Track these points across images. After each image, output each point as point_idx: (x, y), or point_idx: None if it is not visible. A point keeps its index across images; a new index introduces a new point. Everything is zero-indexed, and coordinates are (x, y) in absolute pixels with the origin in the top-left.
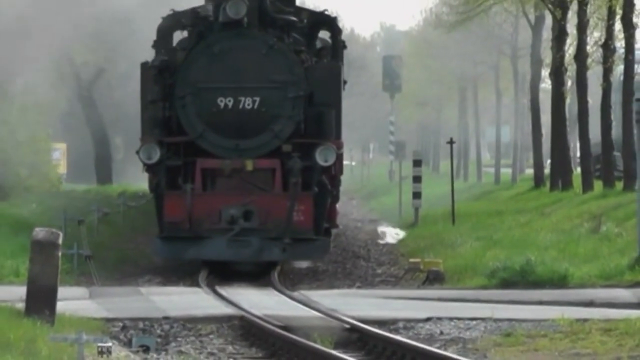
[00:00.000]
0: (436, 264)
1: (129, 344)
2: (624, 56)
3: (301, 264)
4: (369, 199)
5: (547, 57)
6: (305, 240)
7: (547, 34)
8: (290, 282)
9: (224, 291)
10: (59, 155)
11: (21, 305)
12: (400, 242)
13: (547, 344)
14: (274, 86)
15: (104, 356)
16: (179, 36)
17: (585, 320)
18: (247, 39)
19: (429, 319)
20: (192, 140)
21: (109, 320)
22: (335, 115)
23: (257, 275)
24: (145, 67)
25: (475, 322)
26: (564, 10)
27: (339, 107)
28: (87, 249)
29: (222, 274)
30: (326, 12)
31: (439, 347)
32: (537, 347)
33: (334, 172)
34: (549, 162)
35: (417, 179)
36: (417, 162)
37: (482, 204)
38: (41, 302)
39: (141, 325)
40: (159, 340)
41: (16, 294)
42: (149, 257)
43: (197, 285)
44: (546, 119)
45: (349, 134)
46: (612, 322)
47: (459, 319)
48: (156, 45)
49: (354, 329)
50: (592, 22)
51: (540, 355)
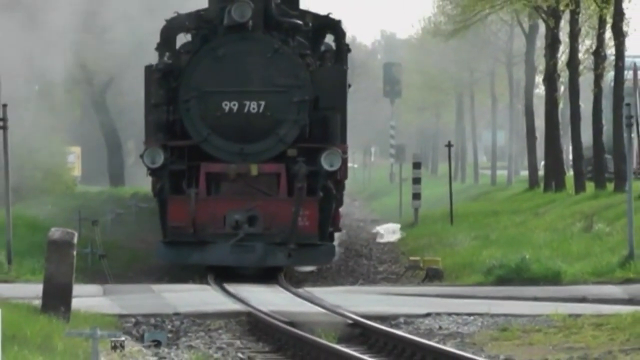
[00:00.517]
0: (435, 262)
1: (141, 339)
2: (614, 63)
3: None
4: (371, 200)
5: (540, 64)
6: (310, 245)
7: (540, 42)
8: (295, 280)
9: (231, 288)
10: (74, 158)
11: (38, 302)
12: (400, 241)
13: (542, 338)
14: (279, 90)
15: (118, 351)
16: (181, 39)
17: (578, 315)
18: (252, 42)
19: (428, 315)
20: (196, 144)
21: (122, 316)
22: (340, 119)
23: (263, 273)
24: (149, 70)
25: (472, 318)
26: (557, 19)
27: (344, 111)
28: (101, 248)
29: (230, 272)
30: (330, 16)
31: (438, 342)
32: (532, 342)
33: (339, 177)
34: (542, 164)
35: (416, 181)
36: (416, 165)
37: (479, 205)
38: (57, 299)
39: (153, 321)
40: (170, 335)
41: (33, 291)
42: None
43: (206, 282)
44: (540, 123)
45: (351, 137)
46: (604, 317)
47: (457, 314)
48: (159, 48)
49: (356, 324)
50: (583, 31)
51: (535, 349)
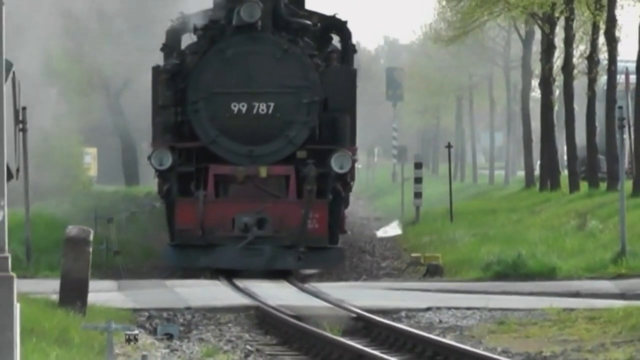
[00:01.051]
0: (436, 258)
1: (154, 332)
2: (607, 67)
3: None
4: (374, 199)
5: (536, 68)
6: (319, 248)
7: (536, 47)
8: (301, 276)
9: (241, 284)
10: (90, 159)
11: (55, 297)
12: (402, 238)
13: (537, 331)
14: (288, 91)
15: (132, 343)
16: (186, 40)
17: (572, 309)
18: (261, 43)
19: (429, 309)
20: (204, 145)
21: (135, 310)
22: (350, 121)
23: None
24: (156, 71)
25: (471, 312)
26: (552, 25)
27: (354, 113)
28: (116, 245)
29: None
30: (336, 17)
31: (438, 335)
32: (528, 334)
33: (349, 179)
34: (538, 164)
35: (418, 180)
36: (418, 165)
37: (477, 203)
38: (74, 294)
39: (165, 314)
40: (182, 328)
41: (51, 286)
42: None
43: (217, 278)
44: (536, 125)
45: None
46: (597, 311)
47: (456, 308)
48: (165, 49)
49: (360, 318)
50: (578, 37)
51: (530, 341)
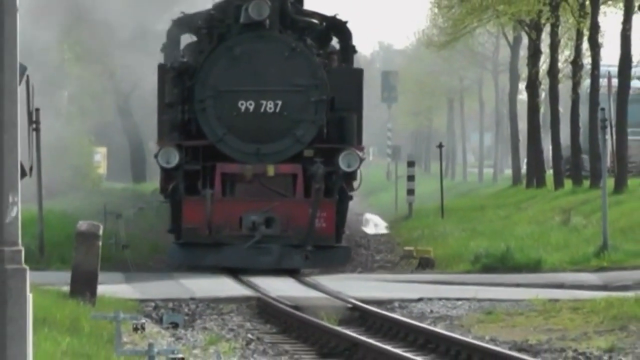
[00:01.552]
0: (427, 252)
1: (160, 321)
2: (590, 72)
3: None
4: (369, 195)
5: (523, 72)
6: (326, 247)
7: (523, 52)
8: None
9: (243, 276)
10: (100, 157)
11: (66, 288)
12: (395, 232)
13: (524, 321)
14: (296, 90)
15: (139, 332)
16: (185, 39)
17: (556, 300)
18: (269, 41)
19: (420, 299)
20: (211, 144)
21: (142, 300)
22: (356, 120)
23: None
24: (163, 69)
25: (461, 302)
26: (539, 31)
27: (360, 112)
28: (124, 239)
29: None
30: (337, 17)
31: (429, 324)
32: (514, 324)
33: (355, 178)
34: (525, 163)
35: (411, 178)
36: (411, 164)
37: (467, 200)
38: (84, 285)
39: (171, 305)
40: (187, 318)
41: (62, 278)
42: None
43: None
44: (523, 126)
45: None
46: (580, 302)
47: (446, 299)
48: (165, 48)
49: (355, 308)
50: (562, 42)
51: (517, 330)
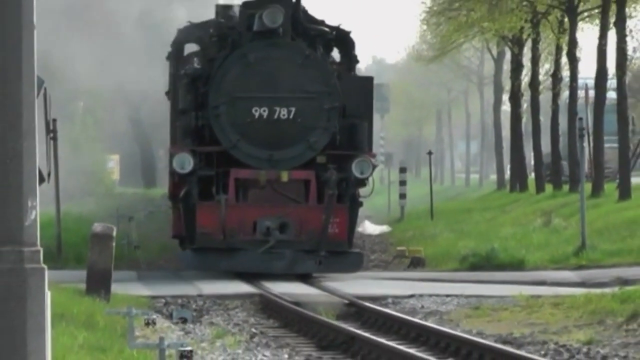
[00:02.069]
0: (418, 252)
1: (170, 317)
2: (569, 84)
3: None
4: (364, 199)
5: (507, 84)
6: (339, 253)
7: (507, 65)
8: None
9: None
10: (113, 164)
11: (82, 286)
12: (389, 233)
13: (508, 316)
14: (309, 97)
15: (150, 327)
16: (189, 48)
17: (538, 296)
18: (282, 48)
19: (412, 296)
20: (225, 150)
21: (153, 297)
22: (367, 127)
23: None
24: (177, 75)
25: (450, 298)
26: (521, 46)
27: (371, 120)
28: (136, 240)
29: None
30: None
31: (420, 319)
32: (500, 318)
33: (367, 184)
34: (509, 168)
35: (402, 183)
36: (402, 170)
37: (455, 203)
38: (98, 283)
39: (180, 301)
40: (195, 313)
41: (78, 277)
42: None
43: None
44: (506, 134)
45: None
46: (560, 297)
47: (437, 295)
48: (171, 57)
49: (352, 304)
50: (543, 57)
51: (502, 324)
